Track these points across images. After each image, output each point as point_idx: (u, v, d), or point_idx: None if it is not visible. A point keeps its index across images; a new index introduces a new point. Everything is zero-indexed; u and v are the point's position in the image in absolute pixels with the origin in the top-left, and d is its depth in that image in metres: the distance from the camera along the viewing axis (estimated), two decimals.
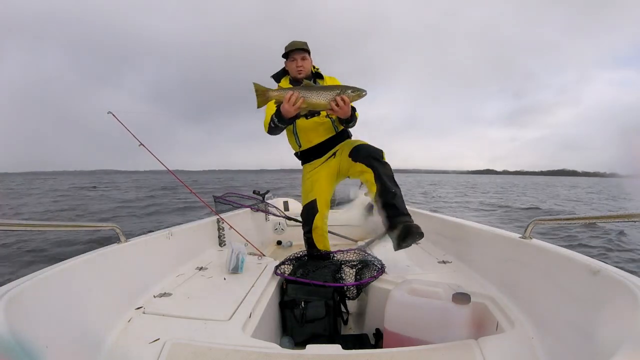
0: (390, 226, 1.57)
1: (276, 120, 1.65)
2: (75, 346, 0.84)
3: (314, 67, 1.96)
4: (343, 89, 1.52)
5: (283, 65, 1.93)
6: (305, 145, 1.93)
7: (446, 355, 0.87)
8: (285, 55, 1.89)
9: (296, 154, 2.03)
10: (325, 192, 1.90)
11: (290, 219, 2.96)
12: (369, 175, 1.65)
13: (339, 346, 0.93)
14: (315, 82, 1.94)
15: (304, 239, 1.90)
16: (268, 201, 3.05)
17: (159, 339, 0.94)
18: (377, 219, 2.82)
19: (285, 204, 3.45)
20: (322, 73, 1.99)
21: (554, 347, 0.84)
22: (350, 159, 1.75)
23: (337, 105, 1.51)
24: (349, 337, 1.46)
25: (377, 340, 1.34)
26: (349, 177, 1.92)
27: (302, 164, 2.01)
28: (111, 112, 1.84)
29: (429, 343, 0.99)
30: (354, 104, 1.61)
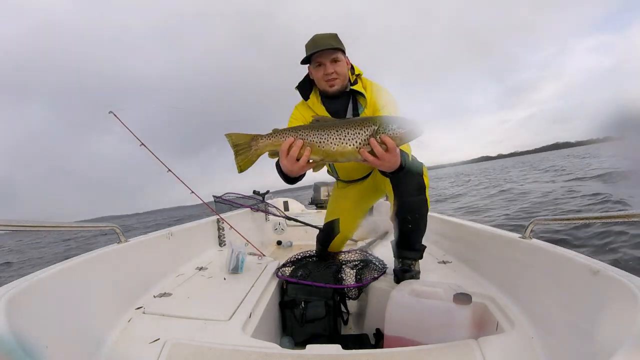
0: (394, 254, 1.44)
1: (281, 176, 1.18)
2: (75, 346, 0.84)
3: (352, 70, 1.36)
4: (382, 124, 0.93)
5: (270, 91, 1.50)
6: (344, 179, 1.62)
7: (446, 355, 0.87)
8: (307, 59, 1.30)
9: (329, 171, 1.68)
10: (352, 210, 1.60)
11: (290, 219, 2.96)
12: (390, 194, 1.31)
13: (339, 346, 0.93)
14: (355, 104, 1.32)
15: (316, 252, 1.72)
16: (268, 201, 3.06)
17: (159, 339, 0.94)
18: (377, 219, 2.81)
19: (285, 204, 3.45)
20: (365, 79, 1.37)
21: (554, 347, 0.84)
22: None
23: (373, 153, 0.94)
24: (349, 337, 1.46)
25: (377, 340, 1.34)
26: (387, 195, 1.52)
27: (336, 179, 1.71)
28: (112, 112, 1.85)
29: (429, 344, 0.98)
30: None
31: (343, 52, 1.30)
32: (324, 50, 1.24)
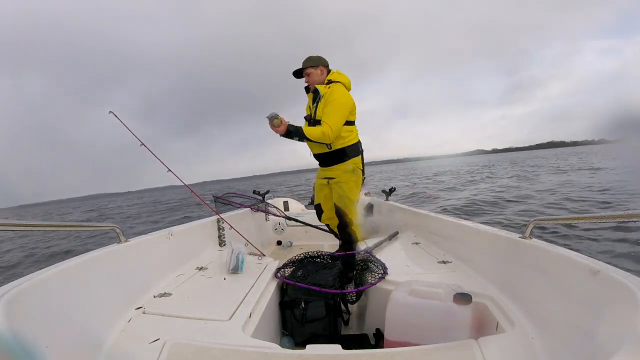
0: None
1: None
2: (75, 346, 0.84)
3: (327, 74, 2.13)
4: (270, 118, 1.87)
5: (283, 70, 1.99)
6: (313, 152, 2.23)
7: (446, 355, 0.87)
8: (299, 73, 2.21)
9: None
10: (325, 202, 2.28)
11: (290, 219, 2.96)
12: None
13: (339, 346, 0.93)
14: (317, 94, 2.12)
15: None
16: (268, 201, 3.06)
17: (159, 339, 0.94)
18: (377, 219, 2.79)
19: (285, 204, 3.44)
20: (334, 84, 2.07)
21: (554, 347, 0.84)
22: (336, 217, 2.16)
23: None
24: (349, 337, 1.46)
25: (377, 340, 1.34)
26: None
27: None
28: (112, 112, 1.84)
29: (430, 344, 0.99)
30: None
31: (314, 67, 2.10)
32: (302, 68, 2.12)
